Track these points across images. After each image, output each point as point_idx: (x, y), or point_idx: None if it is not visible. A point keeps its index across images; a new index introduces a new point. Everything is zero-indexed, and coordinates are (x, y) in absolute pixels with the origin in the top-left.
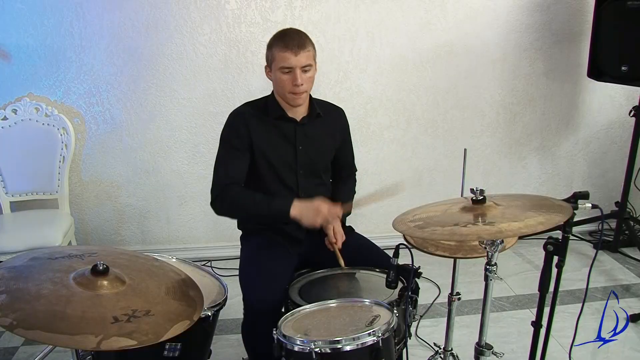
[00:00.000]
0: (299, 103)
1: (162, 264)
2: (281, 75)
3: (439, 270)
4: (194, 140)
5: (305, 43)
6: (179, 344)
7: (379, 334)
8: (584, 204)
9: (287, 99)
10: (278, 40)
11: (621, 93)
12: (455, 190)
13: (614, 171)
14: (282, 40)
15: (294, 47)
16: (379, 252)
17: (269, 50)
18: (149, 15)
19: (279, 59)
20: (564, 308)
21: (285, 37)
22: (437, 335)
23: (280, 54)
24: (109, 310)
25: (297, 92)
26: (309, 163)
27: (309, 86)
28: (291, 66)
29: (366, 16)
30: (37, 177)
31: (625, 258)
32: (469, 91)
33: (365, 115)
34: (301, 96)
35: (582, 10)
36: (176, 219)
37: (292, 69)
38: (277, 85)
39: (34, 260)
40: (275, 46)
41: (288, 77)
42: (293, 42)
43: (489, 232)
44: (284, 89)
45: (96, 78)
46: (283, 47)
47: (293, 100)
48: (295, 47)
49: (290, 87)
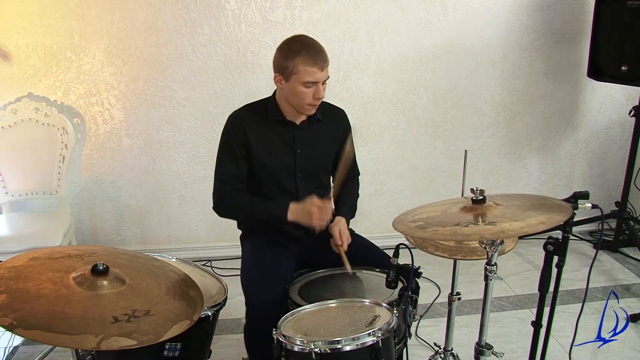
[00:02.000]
0: (312, 113)
1: (162, 264)
2: (303, 88)
3: (439, 270)
4: (194, 140)
5: (327, 57)
6: (179, 344)
7: (378, 334)
8: (584, 204)
9: (302, 109)
10: (302, 52)
11: (621, 93)
12: (455, 190)
13: (614, 171)
14: (308, 54)
15: (321, 63)
16: (379, 252)
17: (289, 60)
18: (148, 15)
19: (304, 73)
20: (564, 308)
21: (310, 50)
22: (437, 335)
23: (306, 69)
24: (109, 310)
25: (316, 104)
26: (308, 166)
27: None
28: (317, 81)
29: (366, 16)
30: (37, 177)
31: (625, 258)
32: (469, 91)
33: (365, 115)
34: (317, 107)
35: (582, 10)
36: (176, 219)
37: (316, 84)
38: (295, 96)
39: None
40: (298, 58)
41: (310, 90)
42: (319, 57)
43: (491, 232)
44: (304, 100)
45: (96, 78)
46: (310, 62)
47: (309, 111)
48: (322, 62)
49: (311, 100)
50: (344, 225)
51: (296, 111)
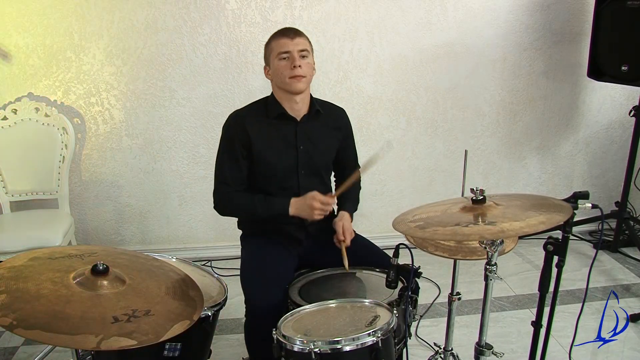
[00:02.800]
0: (300, 88)
1: (162, 264)
2: (279, 62)
3: (439, 270)
4: (194, 140)
5: (300, 32)
6: (179, 344)
7: (378, 334)
8: (584, 204)
9: (287, 85)
10: (274, 34)
11: (621, 93)
12: (455, 190)
13: (614, 171)
14: (278, 32)
15: (289, 33)
16: (379, 252)
17: (267, 47)
18: (148, 15)
19: (276, 47)
20: (564, 308)
21: (281, 29)
22: (437, 335)
23: (276, 42)
24: (109, 310)
25: (296, 74)
26: (311, 163)
27: (309, 73)
28: (289, 50)
29: (366, 16)
30: (37, 177)
31: (625, 258)
32: (469, 91)
33: (365, 115)
34: (301, 80)
35: (582, 10)
36: (176, 219)
37: (289, 53)
38: (277, 74)
39: (34, 260)
40: (271, 40)
41: (286, 62)
42: (289, 30)
43: (491, 232)
44: (284, 74)
45: (96, 78)
46: (279, 35)
47: (293, 85)
48: (291, 33)
49: (290, 72)
50: (348, 220)
51: (291, 97)
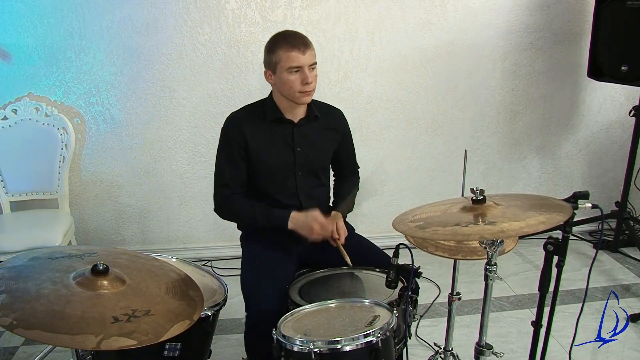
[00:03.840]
0: (308, 101)
1: (162, 263)
2: (289, 76)
3: (439, 270)
4: (194, 140)
5: (309, 42)
6: (179, 344)
7: (378, 334)
8: (584, 204)
9: (295, 98)
10: (281, 42)
11: (621, 93)
12: (455, 190)
13: (614, 171)
14: (287, 41)
15: (300, 46)
16: (379, 252)
17: (272, 53)
18: (148, 15)
19: (286, 60)
20: (564, 308)
21: (289, 37)
22: (437, 335)
23: (286, 55)
24: (109, 310)
25: (307, 90)
26: (308, 164)
27: (315, 84)
28: (300, 65)
29: (366, 16)
30: (37, 177)
31: (625, 258)
32: (469, 91)
33: (365, 115)
34: (310, 94)
35: (582, 10)
36: (176, 219)
37: (300, 68)
38: (285, 86)
39: (34, 260)
40: (279, 48)
41: (297, 76)
42: (299, 42)
43: (491, 232)
44: (293, 88)
45: (96, 78)
46: (289, 47)
47: (302, 99)
48: (302, 46)
49: (300, 87)
50: (341, 220)
51: (292, 103)
